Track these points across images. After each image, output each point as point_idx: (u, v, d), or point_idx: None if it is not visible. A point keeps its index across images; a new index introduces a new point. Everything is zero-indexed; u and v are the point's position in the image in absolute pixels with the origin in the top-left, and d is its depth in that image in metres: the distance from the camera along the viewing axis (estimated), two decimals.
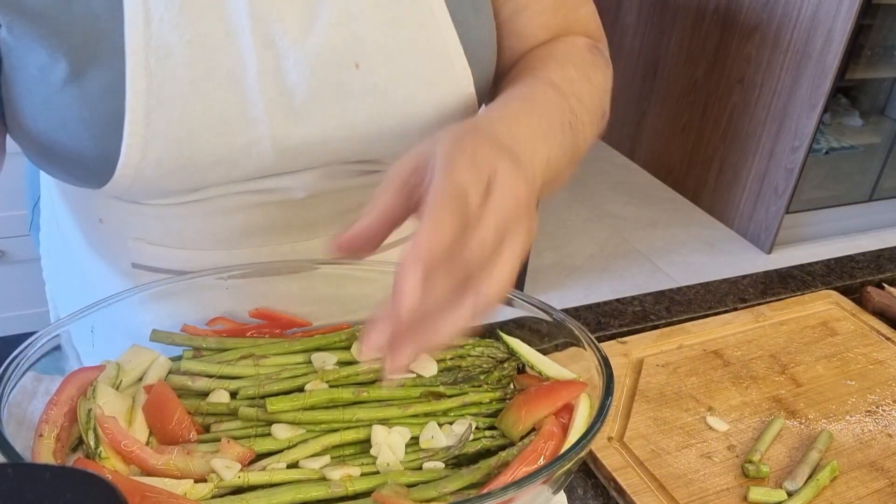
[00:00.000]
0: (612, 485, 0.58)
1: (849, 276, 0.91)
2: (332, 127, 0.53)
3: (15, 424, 0.43)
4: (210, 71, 0.48)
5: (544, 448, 0.45)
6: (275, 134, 0.51)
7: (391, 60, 0.52)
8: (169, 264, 0.59)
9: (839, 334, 0.79)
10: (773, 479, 0.59)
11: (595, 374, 0.50)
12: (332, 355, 0.53)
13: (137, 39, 0.46)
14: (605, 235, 2.79)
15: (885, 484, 0.60)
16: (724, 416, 0.66)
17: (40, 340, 0.48)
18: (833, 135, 2.80)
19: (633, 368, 0.71)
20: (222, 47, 0.48)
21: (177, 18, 0.46)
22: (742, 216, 2.84)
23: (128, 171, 0.49)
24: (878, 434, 0.65)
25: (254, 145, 0.51)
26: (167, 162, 0.49)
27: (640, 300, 0.83)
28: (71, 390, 0.46)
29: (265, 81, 0.49)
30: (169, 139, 0.48)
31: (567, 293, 2.38)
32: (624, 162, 3.41)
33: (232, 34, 0.48)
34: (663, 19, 3.09)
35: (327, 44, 0.50)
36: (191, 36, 0.47)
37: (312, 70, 0.50)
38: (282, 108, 0.51)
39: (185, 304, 0.57)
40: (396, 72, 0.52)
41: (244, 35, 0.48)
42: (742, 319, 0.80)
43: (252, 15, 0.48)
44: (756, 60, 2.67)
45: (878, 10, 2.50)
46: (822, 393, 0.70)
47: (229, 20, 0.48)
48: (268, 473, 0.44)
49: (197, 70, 0.47)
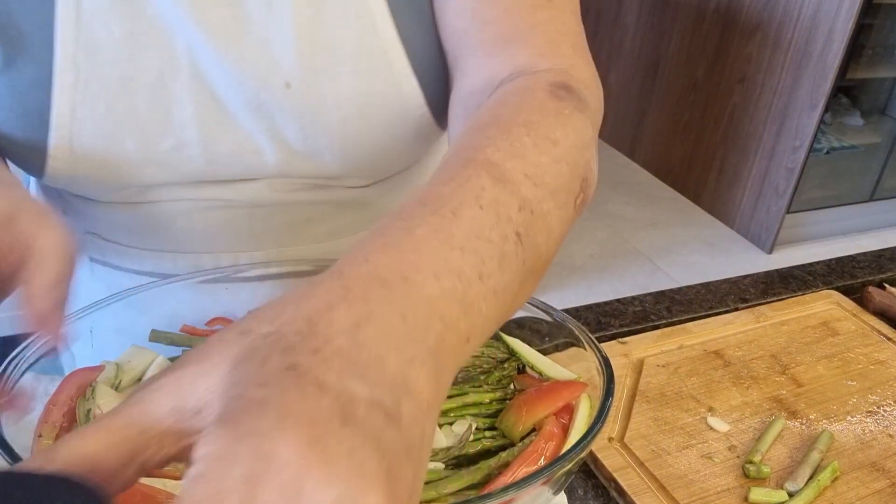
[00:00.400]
0: (612, 485, 0.58)
1: (850, 276, 0.91)
2: (265, 140, 0.51)
3: (14, 425, 0.43)
4: (138, 70, 0.47)
5: (545, 448, 0.45)
6: (204, 140, 0.50)
7: (326, 83, 0.49)
8: (121, 262, 0.59)
9: (840, 334, 0.79)
10: (774, 479, 0.59)
11: (595, 374, 0.50)
12: None
13: (68, 33, 0.45)
14: (605, 235, 2.78)
15: (886, 484, 0.60)
16: (725, 416, 0.65)
17: (40, 340, 0.48)
18: (834, 134, 2.80)
19: (633, 369, 0.70)
20: (153, 47, 0.47)
21: (108, 15, 0.46)
22: (743, 216, 2.84)
23: (58, 163, 0.49)
24: (879, 434, 0.65)
25: (182, 148, 0.50)
26: (95, 158, 0.49)
27: (640, 300, 0.83)
28: (70, 390, 0.46)
29: (196, 86, 0.48)
30: (95, 135, 0.48)
31: (567, 293, 2.38)
32: (624, 162, 3.40)
33: (164, 36, 0.47)
34: (663, 19, 3.08)
35: (256, 61, 0.48)
36: (120, 33, 0.46)
37: (239, 85, 0.48)
38: (213, 113, 0.50)
39: (184, 304, 0.57)
40: (332, 94, 0.49)
41: (176, 38, 0.47)
42: (743, 319, 0.79)
43: (184, 21, 0.46)
44: (757, 60, 2.66)
45: (879, 10, 2.50)
46: (822, 393, 0.70)
47: (162, 21, 0.46)
48: None
49: (125, 68, 0.47)
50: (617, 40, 3.38)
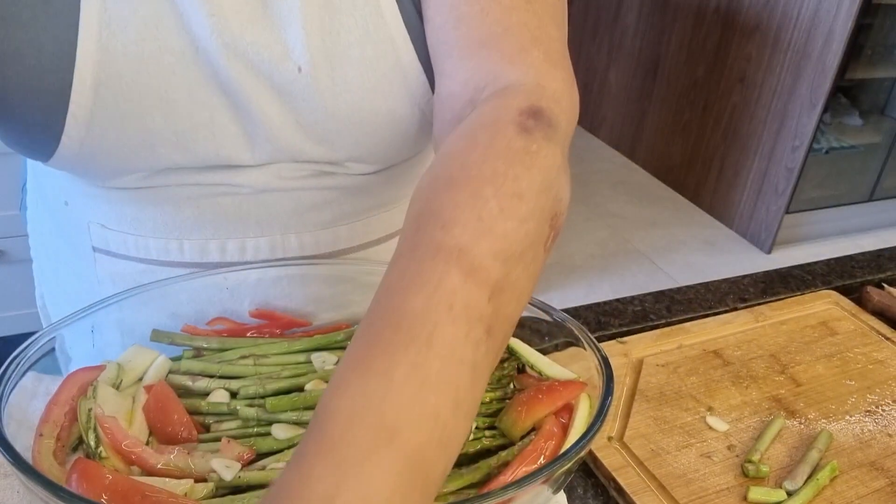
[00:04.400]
0: (611, 484, 0.58)
1: (849, 276, 0.91)
2: (277, 125, 0.52)
3: (15, 424, 0.43)
4: (161, 51, 0.48)
5: (544, 448, 0.46)
6: (217, 122, 0.51)
7: (335, 68, 0.51)
8: (126, 250, 0.59)
9: (839, 334, 0.79)
10: (773, 478, 0.59)
11: (595, 373, 0.50)
12: (332, 355, 0.53)
13: (92, 12, 0.46)
14: (605, 235, 2.79)
15: (885, 483, 0.60)
16: (724, 415, 0.66)
17: (40, 340, 0.48)
18: (833, 134, 2.80)
19: (633, 368, 0.71)
20: (173, 28, 0.48)
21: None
22: (742, 216, 2.84)
23: (72, 143, 0.49)
24: (877, 434, 0.65)
25: (196, 130, 0.51)
26: (109, 137, 0.49)
27: (640, 300, 0.83)
28: (71, 390, 0.46)
29: (212, 68, 0.49)
30: (115, 115, 0.49)
31: (567, 293, 2.38)
32: (624, 162, 3.41)
33: (183, 17, 0.48)
34: (663, 19, 3.09)
35: (270, 45, 0.49)
36: (144, 12, 0.47)
37: (254, 68, 0.50)
38: (227, 97, 0.51)
39: (184, 304, 0.57)
40: (342, 79, 0.51)
41: (193, 20, 0.48)
42: (742, 319, 0.80)
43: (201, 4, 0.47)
44: (756, 60, 2.67)
45: (879, 10, 2.50)
46: (821, 393, 0.70)
47: (181, 3, 0.47)
48: (268, 473, 0.44)
49: (147, 47, 0.47)
50: (617, 40, 3.38)
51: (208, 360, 0.52)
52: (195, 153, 0.53)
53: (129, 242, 0.59)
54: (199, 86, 0.50)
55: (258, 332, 0.57)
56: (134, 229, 0.58)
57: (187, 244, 0.58)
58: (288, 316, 0.60)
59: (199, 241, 0.58)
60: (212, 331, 0.57)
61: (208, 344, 0.54)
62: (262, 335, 0.57)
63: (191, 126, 0.51)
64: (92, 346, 0.52)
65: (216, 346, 0.54)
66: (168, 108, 0.50)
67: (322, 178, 0.58)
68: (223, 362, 0.52)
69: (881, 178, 2.88)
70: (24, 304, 1.73)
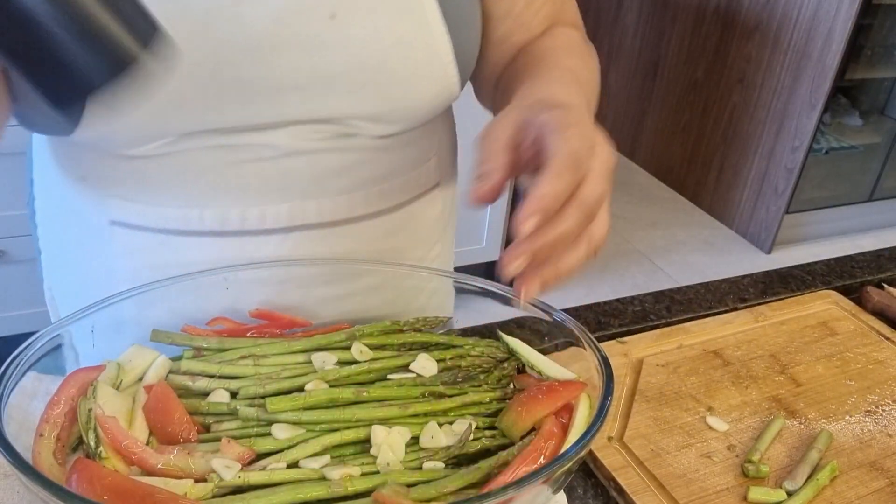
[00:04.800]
0: (611, 484, 0.58)
1: (849, 276, 0.91)
2: (305, 78, 0.53)
3: (15, 425, 0.43)
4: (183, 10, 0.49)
5: (544, 448, 0.46)
6: (245, 78, 0.52)
7: (366, 17, 0.53)
8: (146, 221, 0.60)
9: (839, 334, 0.79)
10: (773, 478, 0.59)
11: (595, 373, 0.50)
12: (332, 355, 0.53)
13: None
14: None
15: (885, 483, 0.60)
16: (724, 415, 0.66)
17: (40, 340, 0.48)
18: (833, 134, 2.80)
19: (632, 368, 0.71)
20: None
21: None
22: (742, 216, 2.84)
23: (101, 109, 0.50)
24: (877, 434, 0.65)
25: (227, 88, 0.52)
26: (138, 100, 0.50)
27: (640, 300, 0.83)
28: (71, 390, 0.46)
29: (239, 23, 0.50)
30: None
31: (567, 293, 2.38)
32: (624, 162, 3.41)
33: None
34: (663, 19, 3.09)
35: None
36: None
37: (283, 19, 0.50)
38: (255, 52, 0.51)
39: (185, 303, 0.57)
40: (372, 28, 0.53)
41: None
42: (742, 319, 0.80)
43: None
44: (756, 60, 2.67)
45: (878, 10, 2.50)
46: (821, 393, 0.70)
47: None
48: (268, 473, 0.44)
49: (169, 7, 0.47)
50: (617, 40, 3.38)
51: (208, 360, 0.53)
52: (221, 112, 0.53)
53: (149, 213, 0.59)
54: (224, 43, 0.50)
55: (258, 332, 0.57)
56: (155, 199, 0.59)
57: (208, 212, 0.59)
58: (288, 316, 0.60)
59: (220, 209, 0.59)
60: (212, 331, 0.57)
61: (208, 344, 0.54)
62: (262, 335, 0.57)
63: (219, 85, 0.52)
64: (92, 347, 0.52)
65: (216, 346, 0.54)
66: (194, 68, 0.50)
67: (342, 139, 0.59)
68: (223, 362, 0.52)
69: (881, 179, 2.88)
70: (25, 304, 1.73)
